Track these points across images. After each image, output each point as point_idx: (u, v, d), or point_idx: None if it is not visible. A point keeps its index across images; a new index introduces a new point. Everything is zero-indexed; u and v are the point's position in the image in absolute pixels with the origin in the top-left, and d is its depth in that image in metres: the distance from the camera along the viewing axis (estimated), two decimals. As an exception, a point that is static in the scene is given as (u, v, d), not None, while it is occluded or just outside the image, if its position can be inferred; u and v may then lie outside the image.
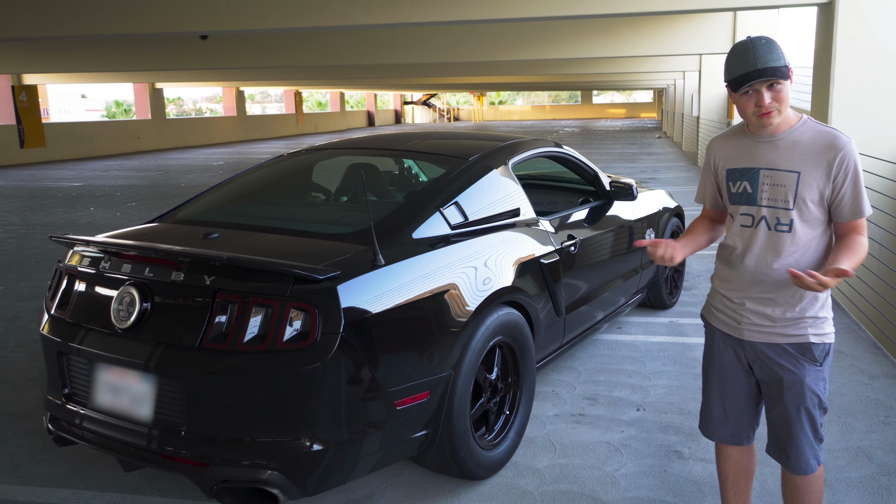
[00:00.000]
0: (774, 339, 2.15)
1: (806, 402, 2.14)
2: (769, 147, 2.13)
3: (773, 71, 1.99)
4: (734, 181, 2.20)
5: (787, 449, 2.21)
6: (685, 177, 13.80)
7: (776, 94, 2.04)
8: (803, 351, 2.13)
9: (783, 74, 2.01)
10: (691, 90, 19.86)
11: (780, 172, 2.10)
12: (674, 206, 5.17)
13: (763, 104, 2.04)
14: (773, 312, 2.15)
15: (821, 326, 2.14)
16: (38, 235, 8.74)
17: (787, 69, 2.02)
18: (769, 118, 2.07)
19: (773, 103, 2.04)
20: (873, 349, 4.35)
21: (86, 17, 8.58)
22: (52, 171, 17.64)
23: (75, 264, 2.81)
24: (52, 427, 2.74)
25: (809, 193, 2.07)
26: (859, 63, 6.23)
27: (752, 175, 2.15)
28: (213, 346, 2.38)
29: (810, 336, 2.13)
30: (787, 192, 2.09)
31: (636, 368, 4.13)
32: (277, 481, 2.32)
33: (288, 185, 3.91)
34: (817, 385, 2.14)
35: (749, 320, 2.19)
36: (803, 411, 2.15)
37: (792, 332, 2.14)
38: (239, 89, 31.15)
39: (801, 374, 2.13)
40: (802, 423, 2.16)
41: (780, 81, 2.02)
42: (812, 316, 2.13)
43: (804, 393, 2.14)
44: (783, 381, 2.15)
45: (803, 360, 2.13)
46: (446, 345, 2.68)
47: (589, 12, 7.28)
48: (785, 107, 2.07)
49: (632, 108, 54.08)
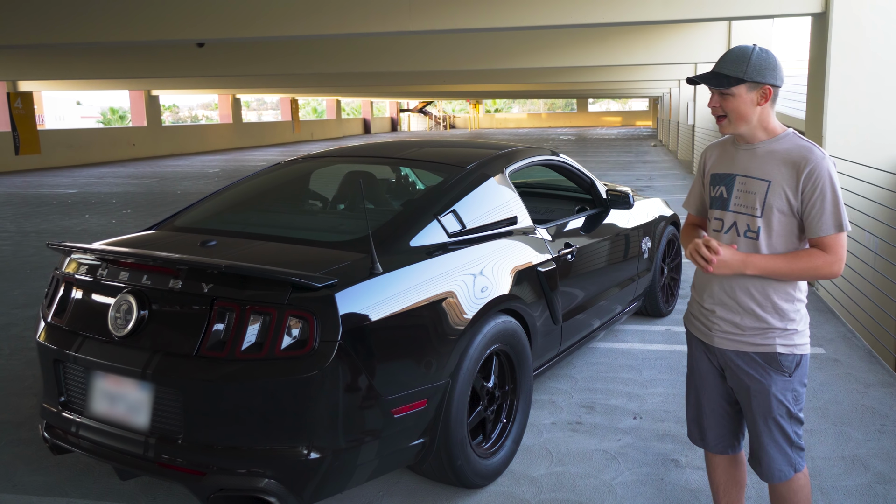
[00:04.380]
0: (742, 347, 2.16)
1: (773, 411, 2.14)
2: (748, 154, 2.16)
3: (714, 76, 2.05)
4: (714, 185, 2.25)
5: (758, 457, 2.22)
6: (680, 185, 13.85)
7: (724, 101, 2.08)
8: (770, 361, 2.13)
9: (720, 83, 2.04)
10: (686, 98, 19.96)
11: (752, 180, 2.13)
12: (670, 214, 5.19)
13: (709, 105, 2.13)
14: (741, 321, 2.15)
15: (790, 337, 2.13)
16: (33, 243, 8.71)
17: (734, 80, 2.03)
18: (720, 123, 2.13)
19: (720, 109, 2.10)
20: (869, 357, 4.36)
21: (82, 24, 8.58)
22: (47, 178, 17.61)
23: (72, 272, 2.80)
24: (47, 435, 2.73)
25: (777, 202, 2.08)
26: (853, 72, 6.27)
27: (728, 180, 2.19)
28: (211, 353, 2.38)
29: (777, 346, 2.12)
30: (755, 199, 2.11)
31: (633, 377, 4.14)
32: (274, 490, 2.32)
33: (285, 192, 3.91)
34: (785, 395, 2.13)
35: (719, 327, 2.20)
36: (770, 420, 2.15)
37: (759, 341, 2.14)
38: (235, 96, 31.17)
39: (767, 383, 2.13)
40: (771, 432, 2.16)
41: (727, 90, 2.05)
42: (780, 327, 2.12)
43: (770, 402, 2.14)
44: (750, 389, 2.16)
45: (770, 369, 2.13)
46: (444, 353, 2.69)
47: (585, 21, 7.31)
48: (735, 117, 2.08)
49: (627, 116, 54.27)
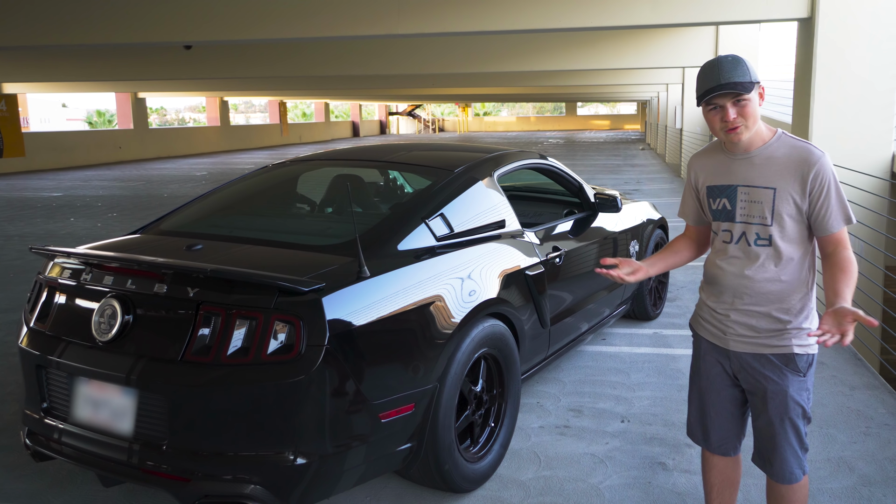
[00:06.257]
0: (759, 349, 2.19)
1: (790, 412, 2.17)
2: (745, 164, 2.16)
3: (734, 85, 2.03)
4: (714, 198, 2.24)
5: (770, 458, 2.24)
6: (669, 188, 13.92)
7: (741, 109, 2.07)
8: (787, 362, 2.16)
9: (745, 88, 2.04)
10: (674, 102, 20.08)
11: (756, 189, 2.14)
12: (658, 217, 5.21)
13: (728, 119, 2.07)
14: (757, 324, 2.18)
15: (804, 338, 2.17)
16: (16, 246, 8.62)
17: (752, 84, 2.05)
18: (735, 133, 2.10)
19: (739, 119, 2.08)
20: (854, 360, 4.39)
21: (70, 26, 8.50)
22: (31, 181, 17.44)
23: (56, 276, 2.77)
24: (29, 442, 2.69)
25: (786, 208, 2.10)
26: (839, 77, 6.32)
27: (730, 192, 2.19)
28: (197, 359, 2.35)
29: (794, 347, 2.16)
30: (763, 208, 2.13)
31: (620, 380, 4.14)
32: (260, 496, 2.30)
33: (273, 196, 3.89)
34: (800, 395, 2.17)
35: (734, 331, 2.22)
36: (787, 421, 2.18)
37: (776, 343, 2.17)
38: (223, 99, 31.03)
39: (784, 384, 2.16)
40: (786, 433, 2.19)
41: (743, 97, 2.05)
42: (795, 327, 2.16)
43: (787, 403, 2.17)
44: (767, 391, 2.18)
45: (787, 370, 2.16)
46: (431, 357, 2.67)
47: (573, 25, 7.33)
48: (752, 122, 2.10)
49: (616, 119, 54.50)
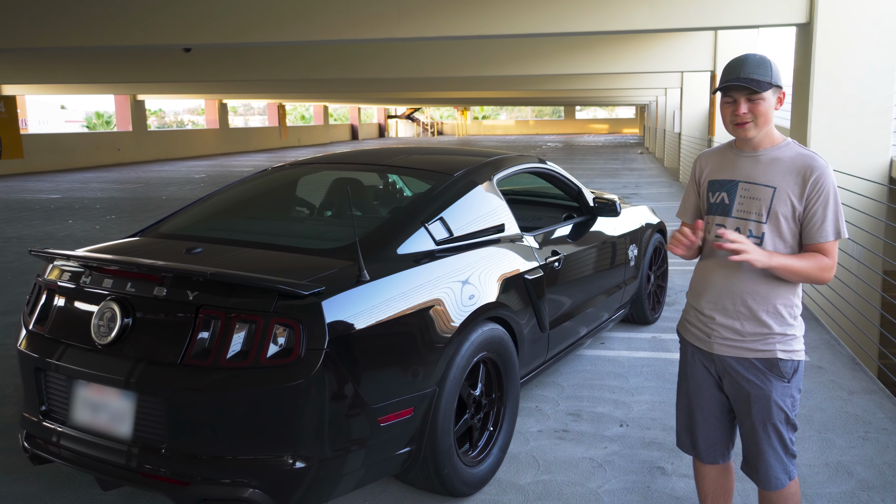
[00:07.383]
0: (743, 353, 2.18)
1: (773, 417, 2.16)
2: (751, 161, 2.18)
3: (751, 81, 2.06)
4: (714, 192, 2.25)
5: (756, 465, 2.23)
6: (667, 192, 13.93)
7: (754, 106, 2.09)
8: (771, 367, 2.15)
9: (761, 86, 2.06)
10: (673, 107, 20.11)
11: (757, 186, 2.15)
12: (656, 221, 5.21)
13: (738, 113, 2.10)
14: (742, 327, 2.17)
15: (789, 343, 2.16)
16: (14, 248, 8.61)
17: (770, 85, 2.07)
18: (744, 129, 2.12)
19: (749, 115, 2.10)
20: (852, 365, 4.40)
21: (69, 29, 8.51)
22: (30, 183, 17.43)
23: (55, 279, 2.77)
24: (27, 445, 2.69)
25: (783, 208, 2.11)
26: (837, 82, 6.34)
27: (730, 187, 2.20)
28: (196, 362, 2.35)
29: (778, 352, 2.15)
30: (761, 205, 2.14)
31: (619, 384, 4.14)
32: (259, 499, 2.30)
33: (272, 199, 3.89)
34: (784, 401, 2.16)
35: (719, 334, 2.21)
36: (770, 427, 2.17)
37: (759, 347, 2.16)
38: (222, 102, 31.04)
39: (767, 389, 2.15)
40: (770, 439, 2.18)
41: (758, 94, 2.07)
42: (780, 332, 2.15)
43: (771, 408, 2.16)
44: (750, 395, 2.17)
45: (770, 375, 2.15)
46: (431, 361, 2.67)
47: (572, 30, 7.36)
48: (762, 122, 2.11)
49: (614, 123, 54.60)
